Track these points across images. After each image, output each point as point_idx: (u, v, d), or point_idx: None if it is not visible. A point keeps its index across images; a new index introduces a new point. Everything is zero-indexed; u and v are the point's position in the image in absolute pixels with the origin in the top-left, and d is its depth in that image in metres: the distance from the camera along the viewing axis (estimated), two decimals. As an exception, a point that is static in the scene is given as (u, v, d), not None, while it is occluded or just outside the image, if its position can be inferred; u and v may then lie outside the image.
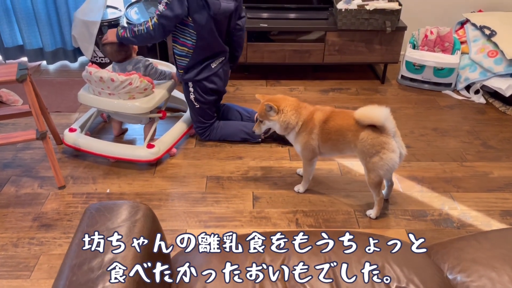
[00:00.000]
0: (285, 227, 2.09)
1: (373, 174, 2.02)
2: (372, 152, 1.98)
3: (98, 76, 2.27)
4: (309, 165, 2.20)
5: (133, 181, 2.37)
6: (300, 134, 2.11)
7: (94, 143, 2.49)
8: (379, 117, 1.93)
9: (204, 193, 2.30)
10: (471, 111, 3.11)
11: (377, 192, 2.08)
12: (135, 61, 2.43)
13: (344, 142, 2.07)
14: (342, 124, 2.04)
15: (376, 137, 1.96)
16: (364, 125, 1.99)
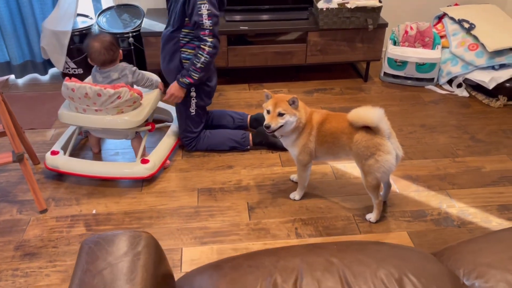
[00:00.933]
0: (285, 237, 2.01)
1: (370, 177, 1.97)
2: (367, 154, 1.93)
3: (83, 92, 2.13)
4: (304, 170, 2.13)
5: (120, 199, 2.24)
6: (300, 137, 2.03)
7: (81, 164, 2.35)
8: (373, 118, 1.88)
9: (197, 207, 2.20)
10: (456, 105, 3.12)
11: (375, 195, 2.03)
12: (121, 68, 2.29)
13: (339, 145, 2.01)
14: (337, 127, 1.99)
15: (370, 139, 1.91)
16: (358, 127, 1.94)
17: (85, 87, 2.13)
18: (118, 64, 2.29)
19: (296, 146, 2.07)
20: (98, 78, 2.31)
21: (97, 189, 2.31)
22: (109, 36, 2.30)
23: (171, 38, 2.31)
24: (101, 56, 2.23)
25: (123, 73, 2.28)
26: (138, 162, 2.31)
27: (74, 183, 2.35)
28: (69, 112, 2.27)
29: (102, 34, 2.34)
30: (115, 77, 2.28)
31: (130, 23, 3.28)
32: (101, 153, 2.60)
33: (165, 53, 2.37)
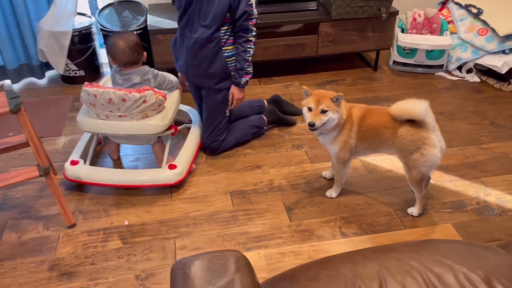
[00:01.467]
0: (331, 238, 1.96)
1: (414, 171, 1.94)
2: (412, 148, 1.89)
3: (106, 98, 2.01)
4: (344, 167, 2.08)
5: (151, 208, 2.14)
6: (341, 133, 1.97)
7: (105, 173, 2.23)
8: (418, 111, 1.84)
9: (233, 211, 2.12)
10: (469, 91, 3.12)
11: (419, 190, 2.00)
12: (143, 72, 2.16)
13: (382, 141, 1.96)
14: (379, 122, 1.94)
15: (416, 132, 1.87)
16: (402, 121, 1.90)
17: (109, 92, 2.01)
18: (140, 67, 2.17)
19: (337, 143, 2.01)
20: (118, 80, 2.19)
21: (124, 199, 2.19)
22: (135, 36, 2.17)
23: (210, 40, 2.17)
24: (124, 56, 2.11)
25: (146, 77, 2.16)
26: (165, 168, 2.21)
27: (98, 193, 2.23)
28: (89, 119, 2.14)
29: (128, 33, 2.20)
30: (136, 81, 2.15)
31: (133, 21, 3.13)
32: (120, 159, 2.48)
33: (201, 59, 2.22)
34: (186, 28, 2.22)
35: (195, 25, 2.18)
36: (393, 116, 1.91)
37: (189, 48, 2.22)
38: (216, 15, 2.11)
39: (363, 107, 2.01)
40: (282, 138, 2.63)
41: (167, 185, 2.19)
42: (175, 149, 2.51)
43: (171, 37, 2.91)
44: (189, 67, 2.29)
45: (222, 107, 2.36)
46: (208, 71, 2.24)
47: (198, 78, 2.31)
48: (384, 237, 1.96)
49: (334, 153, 2.06)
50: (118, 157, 2.47)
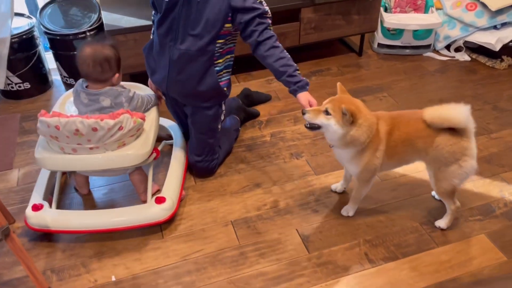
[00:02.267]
0: (359, 268, 1.70)
1: (445, 183, 1.70)
2: (450, 160, 1.64)
3: (72, 129, 1.60)
4: (367, 186, 1.80)
5: (141, 254, 1.78)
6: (363, 154, 1.67)
7: (79, 217, 1.82)
8: (460, 118, 1.58)
9: (240, 246, 1.80)
10: (462, 72, 2.93)
11: (451, 201, 1.77)
12: (114, 94, 1.75)
13: (413, 152, 1.70)
14: (410, 132, 1.66)
15: (457, 142, 1.62)
16: (439, 128, 1.63)
17: (75, 122, 1.60)
18: (112, 87, 1.76)
19: (356, 164, 1.71)
20: (83, 99, 1.77)
21: (105, 245, 1.82)
22: (110, 50, 1.72)
23: (202, 53, 1.77)
24: (86, 68, 1.70)
25: (117, 101, 1.75)
26: (151, 203, 1.84)
27: (72, 241, 1.83)
28: (52, 155, 1.72)
29: (105, 44, 1.73)
30: (106, 104, 1.74)
31: (84, 19, 2.65)
32: (91, 193, 2.07)
33: (189, 74, 1.83)
34: (167, 37, 1.80)
35: (181, 34, 1.77)
36: (428, 123, 1.63)
37: (173, 60, 1.82)
38: (209, 22, 1.71)
39: (389, 117, 1.70)
40: (276, 146, 2.32)
41: (157, 223, 1.83)
42: (155, 172, 2.14)
43: (133, 37, 2.49)
44: (172, 83, 1.89)
45: (216, 123, 2.00)
46: (197, 89, 1.86)
47: (184, 96, 1.93)
48: (418, 261, 1.72)
49: (354, 172, 1.77)
50: (88, 191, 2.07)
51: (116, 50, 1.75)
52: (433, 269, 1.69)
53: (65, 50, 2.63)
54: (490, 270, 1.68)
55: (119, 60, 1.75)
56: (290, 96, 2.67)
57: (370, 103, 2.63)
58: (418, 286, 1.63)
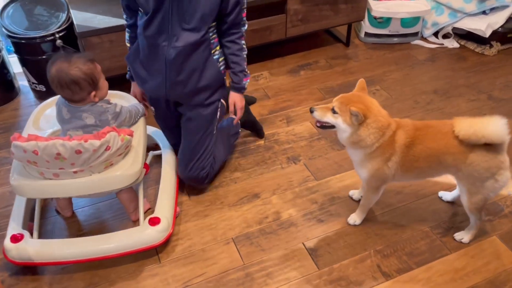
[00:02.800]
0: (372, 282, 1.61)
1: (478, 197, 1.59)
2: (486, 176, 1.52)
3: (52, 153, 1.42)
4: (375, 193, 1.70)
5: (137, 283, 1.63)
6: (372, 159, 1.56)
7: (64, 247, 1.64)
8: (499, 134, 1.44)
9: (244, 267, 1.68)
10: (452, 60, 2.85)
11: (479, 216, 1.67)
12: (99, 110, 1.56)
13: (440, 168, 1.59)
14: (437, 148, 1.53)
15: (493, 158, 1.49)
16: (472, 144, 1.50)
17: (55, 145, 1.42)
18: (95, 103, 1.57)
19: (365, 168, 1.61)
20: (65, 115, 1.58)
21: (97, 275, 1.66)
22: (81, 67, 1.49)
23: (198, 46, 1.63)
24: (54, 88, 1.52)
25: (103, 118, 1.57)
26: (145, 225, 1.69)
27: (59, 273, 1.66)
28: (30, 181, 1.53)
29: (75, 60, 1.50)
30: (89, 122, 1.56)
31: (51, 19, 2.41)
32: (75, 214, 1.90)
33: (190, 71, 1.67)
34: (160, 37, 1.62)
35: (175, 31, 1.60)
36: (461, 139, 1.49)
37: (170, 61, 1.64)
38: (205, 14, 1.57)
39: (413, 127, 1.55)
40: (271, 150, 2.19)
41: (152, 247, 1.68)
42: (144, 187, 1.98)
43: (109, 39, 2.28)
44: (173, 86, 1.71)
45: (211, 125, 1.84)
46: (200, 85, 1.71)
47: (187, 97, 1.76)
48: (432, 270, 1.64)
49: (363, 177, 1.66)
50: (72, 213, 1.89)
51: (89, 66, 1.52)
52: (449, 278, 1.62)
53: (32, 54, 2.39)
54: (506, 275, 1.62)
55: (93, 78, 1.52)
56: (280, 94, 2.55)
57: (364, 97, 2.52)
58: (436, 298, 1.56)
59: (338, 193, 1.95)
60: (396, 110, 2.40)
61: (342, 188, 1.98)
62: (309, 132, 2.29)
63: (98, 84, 1.54)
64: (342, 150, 2.18)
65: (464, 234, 1.73)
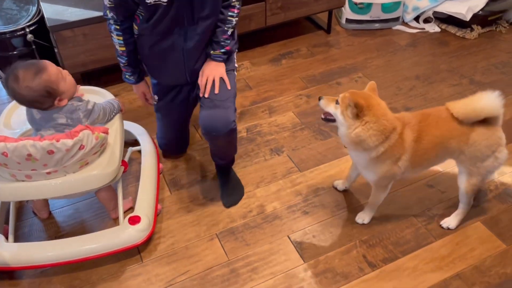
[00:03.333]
0: (359, 273, 1.60)
1: (477, 179, 1.59)
2: (487, 154, 1.53)
3: (23, 154, 1.35)
4: (384, 191, 1.65)
5: (120, 284, 1.59)
6: (380, 162, 1.51)
7: (41, 250, 1.58)
8: (494, 107, 1.45)
9: (229, 263, 1.65)
10: (434, 45, 2.84)
11: (470, 200, 1.67)
12: (69, 109, 1.49)
13: (445, 154, 1.57)
14: (441, 134, 1.51)
15: (492, 134, 1.51)
16: (471, 123, 1.50)
17: (25, 146, 1.36)
18: (66, 104, 1.50)
19: (373, 172, 1.55)
20: (35, 114, 1.51)
21: (78, 277, 1.61)
22: (32, 86, 1.39)
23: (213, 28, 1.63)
24: (20, 102, 1.46)
25: (74, 117, 1.50)
26: (125, 224, 1.64)
27: (37, 277, 1.61)
28: (2, 184, 1.47)
29: (16, 82, 1.39)
30: (61, 121, 1.49)
31: (20, 13, 2.31)
32: (53, 215, 1.84)
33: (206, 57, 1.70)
34: (173, 31, 1.59)
35: (190, 21, 1.57)
36: (460, 119, 1.48)
37: (187, 51, 1.64)
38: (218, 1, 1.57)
39: (414, 121, 1.51)
40: (254, 142, 2.15)
41: (133, 247, 1.63)
42: (124, 184, 1.93)
43: (82, 32, 2.21)
44: (193, 72, 1.72)
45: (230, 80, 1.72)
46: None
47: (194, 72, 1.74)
48: (418, 258, 1.64)
49: (371, 180, 1.62)
50: (49, 214, 1.83)
51: (39, 81, 1.40)
52: (435, 266, 1.61)
53: (2, 50, 2.30)
54: (491, 261, 1.63)
55: (49, 90, 1.42)
56: (262, 84, 2.51)
57: (346, 85, 2.49)
58: (423, 286, 1.55)
59: (322, 184, 1.93)
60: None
61: (326, 178, 1.95)
62: (291, 122, 2.26)
63: (59, 90, 1.44)
64: (326, 140, 2.15)
65: (451, 220, 1.73)
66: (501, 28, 2.93)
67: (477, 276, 1.58)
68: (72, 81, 1.52)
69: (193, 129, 2.23)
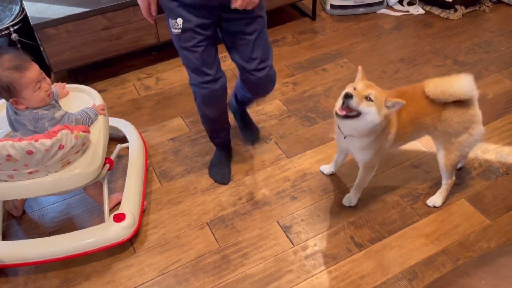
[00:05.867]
0: (347, 254, 1.64)
1: (455, 154, 1.63)
2: (460, 130, 1.57)
3: (3, 155, 1.37)
4: (372, 172, 1.69)
5: (114, 275, 1.62)
6: (377, 140, 1.53)
7: (33, 247, 1.61)
8: (465, 90, 1.50)
9: (220, 250, 1.68)
10: (418, 27, 2.85)
11: (451, 175, 1.71)
12: (34, 117, 1.48)
13: (421, 130, 1.61)
14: (416, 111, 1.55)
15: (464, 112, 1.54)
16: (444, 102, 1.54)
17: (5, 146, 1.37)
18: (31, 110, 1.49)
19: (368, 152, 1.57)
20: (11, 116, 1.54)
21: (72, 271, 1.64)
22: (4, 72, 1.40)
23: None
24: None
25: (39, 125, 1.49)
26: (110, 221, 1.66)
27: (32, 273, 1.64)
28: (-14, 185, 1.50)
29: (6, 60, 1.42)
30: (29, 127, 1.50)
31: (4, 13, 2.31)
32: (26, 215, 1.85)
33: None
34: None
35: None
36: (433, 99, 1.53)
37: None
38: None
39: (395, 95, 1.51)
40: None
41: (117, 244, 1.65)
42: (114, 179, 1.96)
43: (66, 29, 2.23)
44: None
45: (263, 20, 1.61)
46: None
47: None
48: (404, 237, 1.68)
49: (362, 160, 1.64)
50: (23, 213, 1.85)
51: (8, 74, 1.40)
52: (420, 244, 1.65)
53: (-12, 50, 2.31)
54: (475, 236, 1.67)
55: (10, 87, 1.41)
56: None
57: (332, 71, 2.51)
58: (409, 263, 1.59)
59: (309, 169, 1.96)
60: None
61: (313, 164, 1.99)
62: (279, 110, 2.28)
63: (19, 94, 1.44)
64: (313, 126, 2.18)
65: (436, 198, 1.77)
66: (485, 7, 2.95)
67: (462, 251, 1.62)
68: (41, 97, 1.47)
69: (181, 120, 2.25)
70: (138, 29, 2.38)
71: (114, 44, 2.37)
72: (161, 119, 2.27)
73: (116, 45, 2.38)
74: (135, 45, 2.44)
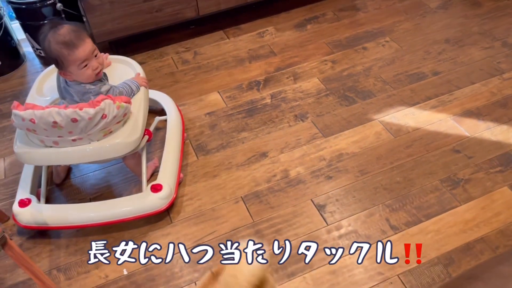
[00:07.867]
0: (381, 236, 1.62)
1: None
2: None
3: (49, 121, 1.42)
4: None
5: (151, 241, 1.67)
6: None
7: (74, 211, 1.68)
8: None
9: (254, 224, 1.70)
10: (467, 7, 2.73)
11: None
12: (81, 90, 1.54)
13: None
14: None
15: None
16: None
17: (51, 113, 1.41)
18: (79, 83, 1.54)
19: None
20: (62, 83, 1.60)
21: (111, 236, 1.70)
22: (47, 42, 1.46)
23: None
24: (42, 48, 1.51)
25: (85, 98, 1.55)
26: (147, 191, 1.70)
27: (74, 236, 1.71)
28: (32, 149, 1.54)
29: (53, 31, 1.46)
30: (76, 98, 1.57)
31: (49, -18, 2.35)
32: (69, 181, 1.92)
33: None
34: None
35: None
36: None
37: None
38: None
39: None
40: (278, 109, 2.17)
41: (154, 213, 1.70)
42: (153, 150, 2.00)
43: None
44: None
45: None
46: None
47: None
48: (442, 222, 1.64)
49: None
50: (63, 180, 1.92)
51: (64, 51, 1.45)
52: (458, 230, 1.62)
53: (33, 19, 2.36)
54: (517, 225, 1.62)
55: (59, 60, 1.47)
56: (287, 50, 2.49)
57: (372, 50, 2.45)
58: (445, 249, 1.57)
59: (346, 150, 1.94)
60: (407, 62, 2.33)
61: (350, 144, 1.96)
62: (316, 88, 2.25)
63: (66, 68, 1.49)
64: (351, 105, 2.14)
65: None
66: (540, -13, 2.78)
67: (502, 240, 1.58)
68: (87, 75, 1.51)
69: (218, 95, 2.26)
70: (178, 1, 2.38)
71: (154, 16, 2.38)
72: (199, 93, 2.29)
73: (156, 17, 2.39)
74: (175, 18, 2.44)
